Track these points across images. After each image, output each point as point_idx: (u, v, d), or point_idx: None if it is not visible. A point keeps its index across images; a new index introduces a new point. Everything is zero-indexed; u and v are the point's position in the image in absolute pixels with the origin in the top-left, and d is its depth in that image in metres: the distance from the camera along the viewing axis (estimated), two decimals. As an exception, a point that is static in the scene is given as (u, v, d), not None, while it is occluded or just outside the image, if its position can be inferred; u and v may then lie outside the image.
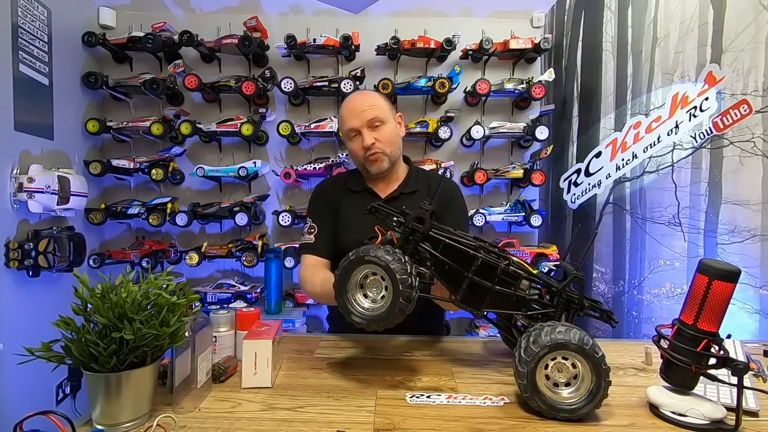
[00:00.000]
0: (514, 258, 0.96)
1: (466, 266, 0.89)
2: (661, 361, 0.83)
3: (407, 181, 1.39)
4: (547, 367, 0.79)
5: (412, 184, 1.39)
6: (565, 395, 0.78)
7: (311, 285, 1.30)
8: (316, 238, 1.36)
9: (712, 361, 0.76)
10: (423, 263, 0.93)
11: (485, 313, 0.91)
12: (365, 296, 0.88)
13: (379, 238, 0.97)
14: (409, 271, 0.82)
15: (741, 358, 0.92)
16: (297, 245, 2.10)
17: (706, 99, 1.90)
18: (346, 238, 1.33)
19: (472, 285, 0.89)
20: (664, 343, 0.81)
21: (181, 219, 2.11)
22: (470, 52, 2.17)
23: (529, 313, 0.91)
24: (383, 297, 0.85)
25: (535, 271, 0.95)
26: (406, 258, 0.84)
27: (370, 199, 1.37)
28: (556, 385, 0.79)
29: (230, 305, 2.07)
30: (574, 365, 0.79)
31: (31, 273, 1.61)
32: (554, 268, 1.03)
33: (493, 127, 2.15)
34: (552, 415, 0.77)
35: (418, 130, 2.14)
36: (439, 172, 2.10)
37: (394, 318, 0.83)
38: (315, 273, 1.30)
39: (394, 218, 0.95)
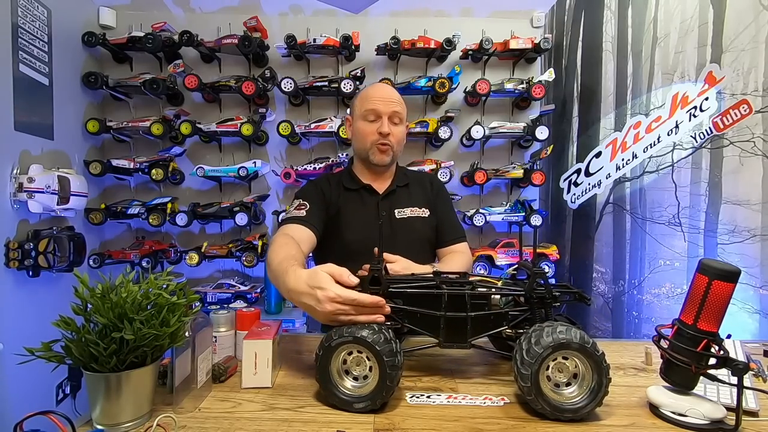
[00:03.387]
0: (474, 276, 0.95)
1: (435, 306, 0.88)
2: (661, 361, 0.83)
3: (398, 176, 1.47)
4: (548, 368, 0.79)
5: (402, 178, 1.48)
6: (568, 395, 0.78)
7: (273, 254, 1.04)
8: (308, 213, 1.26)
9: (712, 361, 0.76)
10: (395, 318, 0.90)
11: (472, 343, 0.90)
12: (355, 378, 0.83)
13: None
14: (387, 337, 0.79)
15: (741, 358, 0.92)
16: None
17: (706, 99, 1.90)
18: (350, 233, 1.35)
19: (449, 321, 0.88)
20: (664, 343, 0.81)
21: (181, 219, 2.12)
22: (470, 52, 2.17)
23: (512, 323, 0.90)
24: (371, 368, 0.81)
25: (499, 283, 0.95)
26: (380, 325, 0.82)
27: (368, 195, 1.40)
28: (557, 385, 0.79)
29: (230, 305, 2.08)
30: (574, 365, 0.79)
31: (31, 273, 1.61)
32: (515, 271, 1.03)
33: (493, 127, 2.15)
34: (556, 416, 0.76)
35: (418, 130, 2.14)
36: (439, 173, 2.10)
37: (390, 386, 0.79)
38: (287, 244, 1.08)
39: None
